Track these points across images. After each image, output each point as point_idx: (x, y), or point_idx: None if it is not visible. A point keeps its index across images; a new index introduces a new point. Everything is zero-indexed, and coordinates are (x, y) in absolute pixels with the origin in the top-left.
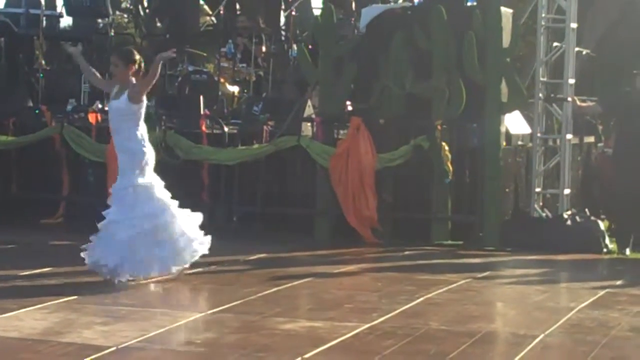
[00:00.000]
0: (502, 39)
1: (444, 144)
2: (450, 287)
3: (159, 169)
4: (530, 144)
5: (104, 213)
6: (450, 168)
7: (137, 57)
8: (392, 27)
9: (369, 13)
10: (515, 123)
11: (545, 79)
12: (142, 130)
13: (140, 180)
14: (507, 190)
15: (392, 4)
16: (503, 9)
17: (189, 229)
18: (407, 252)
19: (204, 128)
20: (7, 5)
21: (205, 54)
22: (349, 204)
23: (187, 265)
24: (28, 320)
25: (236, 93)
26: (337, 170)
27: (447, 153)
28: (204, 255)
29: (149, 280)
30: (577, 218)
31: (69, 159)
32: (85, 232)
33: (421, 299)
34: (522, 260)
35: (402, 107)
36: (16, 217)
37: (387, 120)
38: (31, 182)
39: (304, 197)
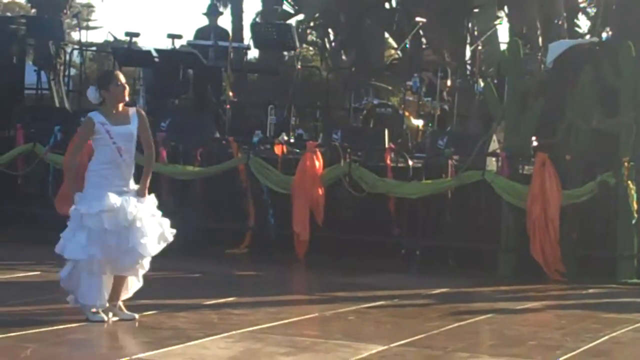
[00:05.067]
0: None
1: (629, 182)
2: (635, 326)
3: (344, 201)
4: None
5: None
6: (635, 207)
7: None
8: (579, 63)
9: (556, 48)
10: None
11: None
12: None
13: None
14: None
15: (579, 39)
16: None
17: None
18: (591, 290)
19: (388, 161)
20: (196, 37)
21: (390, 87)
22: (536, 240)
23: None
24: (213, 348)
25: (421, 127)
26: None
27: (632, 192)
28: (387, 288)
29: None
30: None
31: (255, 190)
32: (272, 262)
33: (606, 337)
34: None
35: (588, 143)
36: (202, 246)
37: (573, 156)
38: (217, 213)
39: (488, 232)
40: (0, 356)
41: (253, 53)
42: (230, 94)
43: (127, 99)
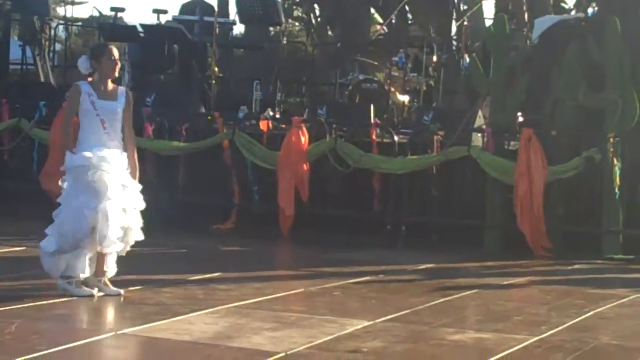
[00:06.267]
0: None
1: (615, 158)
2: (621, 301)
3: (330, 178)
4: None
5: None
6: (618, 183)
7: None
8: (565, 39)
9: (542, 24)
10: None
11: None
12: None
13: None
14: None
15: (565, 15)
16: None
17: None
18: (577, 266)
19: (374, 137)
20: (182, 12)
21: (376, 63)
22: (523, 216)
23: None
24: (199, 324)
25: (407, 103)
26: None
27: (617, 168)
28: (372, 264)
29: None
30: None
31: (240, 166)
32: (257, 238)
33: (591, 313)
34: None
35: (574, 119)
36: (187, 222)
37: (559, 132)
38: (202, 188)
39: (474, 207)
40: None
41: (239, 28)
42: (216, 69)
43: (116, 75)
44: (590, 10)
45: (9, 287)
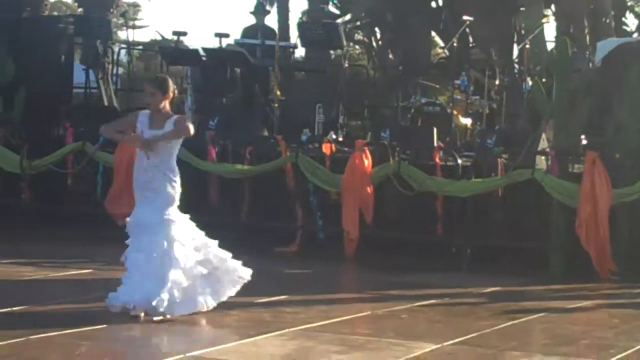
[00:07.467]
0: None
1: None
2: None
3: (394, 200)
4: None
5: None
6: None
7: (172, 86)
8: (628, 61)
9: (604, 46)
10: None
11: None
12: None
13: None
14: None
15: (628, 37)
16: None
17: None
18: None
19: (437, 160)
20: (243, 36)
21: (437, 86)
22: (589, 239)
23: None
24: (266, 346)
25: (469, 125)
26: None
27: None
28: (438, 286)
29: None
30: None
31: (303, 188)
32: (321, 260)
33: None
34: None
35: (638, 141)
36: (251, 245)
37: (623, 154)
38: (266, 211)
39: (539, 230)
40: (55, 353)
41: (300, 52)
42: (278, 92)
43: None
44: None
45: (78, 309)
